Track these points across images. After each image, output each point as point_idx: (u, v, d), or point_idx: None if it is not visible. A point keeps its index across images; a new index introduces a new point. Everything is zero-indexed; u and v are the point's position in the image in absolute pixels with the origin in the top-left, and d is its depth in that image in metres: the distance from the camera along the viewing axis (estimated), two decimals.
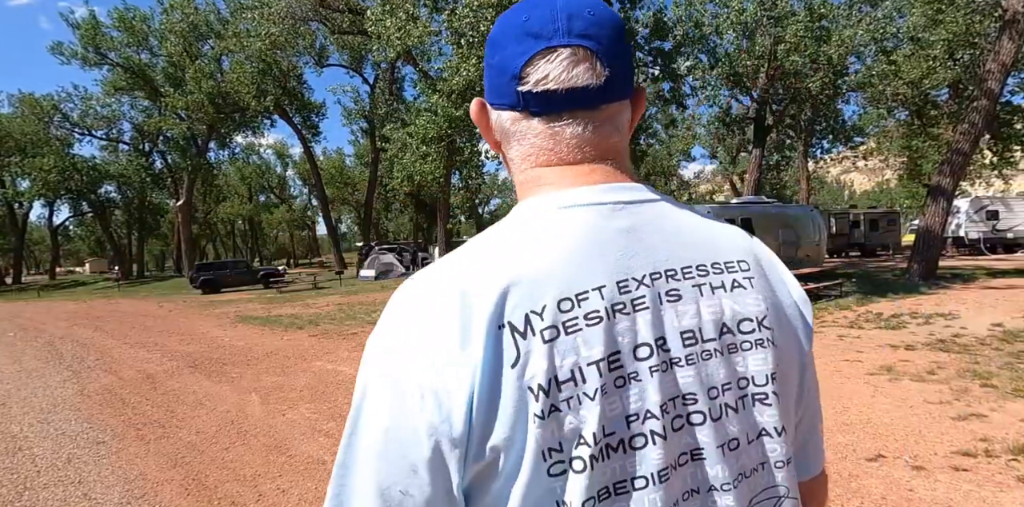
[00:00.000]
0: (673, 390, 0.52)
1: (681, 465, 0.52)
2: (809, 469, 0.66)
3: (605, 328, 0.50)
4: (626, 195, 0.57)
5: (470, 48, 13.22)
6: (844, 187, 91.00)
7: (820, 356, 6.24)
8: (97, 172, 37.80)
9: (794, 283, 0.62)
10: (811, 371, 0.62)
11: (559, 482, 0.48)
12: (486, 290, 0.49)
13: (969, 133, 12.92)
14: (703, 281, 0.55)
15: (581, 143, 0.58)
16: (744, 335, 0.55)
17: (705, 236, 0.58)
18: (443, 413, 0.47)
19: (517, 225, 0.56)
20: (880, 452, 3.47)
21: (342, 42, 29.63)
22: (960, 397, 4.54)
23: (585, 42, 0.55)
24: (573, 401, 0.48)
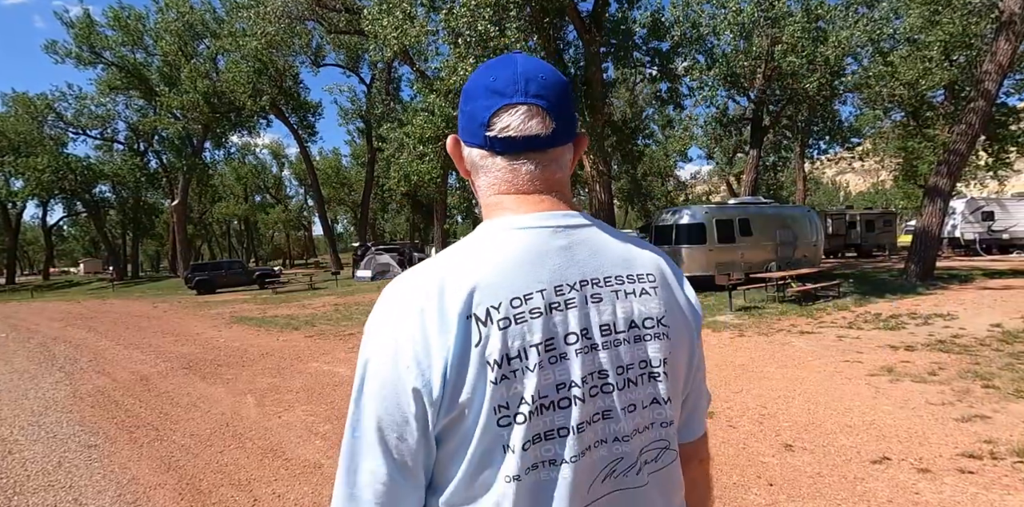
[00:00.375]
0: (592, 367, 0.69)
1: (595, 422, 0.69)
2: (695, 432, 0.86)
3: (544, 320, 0.67)
4: (565, 221, 0.74)
5: (467, 47, 13.14)
6: (839, 188, 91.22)
7: (820, 357, 6.21)
8: (91, 172, 37.50)
9: (690, 291, 0.81)
10: (698, 357, 0.82)
11: (506, 431, 0.65)
12: (458, 290, 0.66)
13: (966, 134, 12.93)
14: (619, 288, 0.73)
15: (533, 178, 0.75)
16: (647, 329, 0.74)
17: (623, 254, 0.76)
18: (425, 378, 0.64)
19: (482, 240, 0.72)
20: (884, 454, 3.42)
21: (339, 42, 29.50)
22: (962, 398, 4.51)
23: (538, 101, 0.72)
24: (518, 372, 0.65)
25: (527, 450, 0.65)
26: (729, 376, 5.54)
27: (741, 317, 9.31)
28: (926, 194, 13.74)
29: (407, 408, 0.65)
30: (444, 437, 0.66)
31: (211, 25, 30.54)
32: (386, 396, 0.65)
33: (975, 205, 22.88)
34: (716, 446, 3.68)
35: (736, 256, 13.71)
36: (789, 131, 23.54)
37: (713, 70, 17.70)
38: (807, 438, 3.76)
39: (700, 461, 0.88)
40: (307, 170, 34.08)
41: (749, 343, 7.18)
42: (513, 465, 0.65)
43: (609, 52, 15.61)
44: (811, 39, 16.54)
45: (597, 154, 14.94)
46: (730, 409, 4.45)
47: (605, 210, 15.56)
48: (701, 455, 0.88)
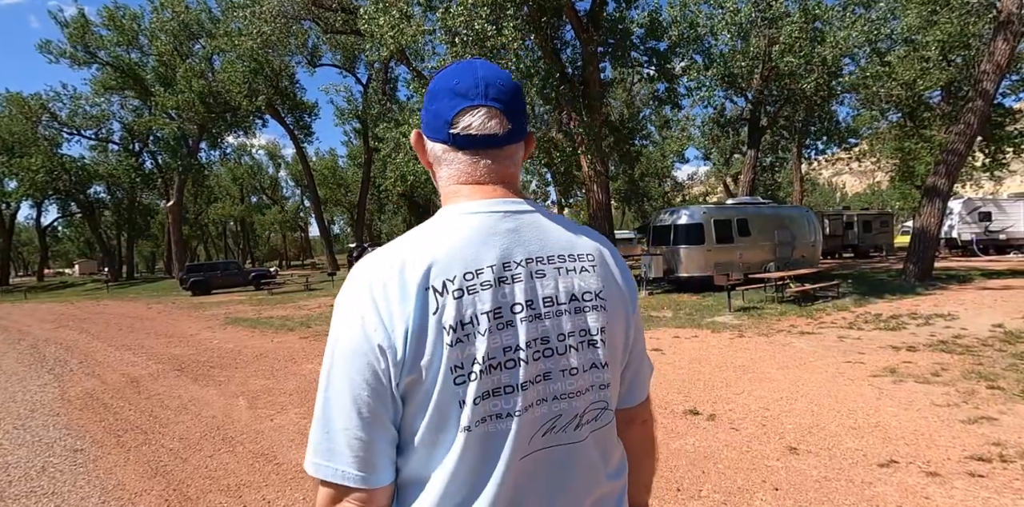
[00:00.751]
0: (535, 334, 0.78)
1: (537, 382, 0.78)
2: (638, 397, 0.96)
3: (493, 292, 0.76)
4: (513, 207, 0.83)
5: (464, 47, 13.05)
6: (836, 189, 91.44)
7: (821, 358, 6.13)
8: (86, 172, 37.22)
9: (627, 272, 0.91)
10: (635, 328, 0.91)
11: (461, 388, 0.72)
12: (417, 265, 0.74)
13: (964, 134, 12.89)
14: (562, 265, 0.82)
15: (489, 171, 0.84)
16: (586, 302, 0.82)
17: (566, 237, 0.85)
18: (391, 342, 0.72)
19: (440, 223, 0.81)
20: (892, 457, 3.34)
21: (335, 41, 29.35)
22: (968, 399, 4.43)
23: (496, 104, 0.82)
24: (471, 337, 0.73)
25: (478, 404, 0.73)
26: (730, 377, 5.45)
27: (740, 318, 9.24)
28: (924, 194, 13.70)
29: (376, 364, 0.72)
30: (408, 396, 0.73)
31: (207, 25, 30.38)
32: (355, 356, 0.73)
33: (972, 205, 22.88)
34: (719, 450, 3.59)
35: (734, 256, 13.64)
36: (786, 131, 23.50)
37: (711, 70, 17.66)
38: (812, 441, 3.67)
39: (643, 422, 0.99)
40: (303, 171, 33.90)
41: (749, 344, 7.10)
42: (467, 417, 0.72)
43: (607, 52, 15.54)
44: (808, 39, 16.48)
45: (595, 154, 14.85)
46: (732, 411, 4.36)
47: (603, 210, 15.48)
48: (644, 417, 0.99)
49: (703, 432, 3.93)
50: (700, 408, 4.46)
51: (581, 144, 14.68)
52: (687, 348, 7.01)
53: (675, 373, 5.71)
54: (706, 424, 4.09)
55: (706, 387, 5.12)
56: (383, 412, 0.73)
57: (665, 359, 6.41)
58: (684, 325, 8.75)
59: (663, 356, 6.58)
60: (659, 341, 7.52)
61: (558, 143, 15.51)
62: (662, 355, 6.64)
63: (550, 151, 15.22)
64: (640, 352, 0.94)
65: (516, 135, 0.85)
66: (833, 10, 17.12)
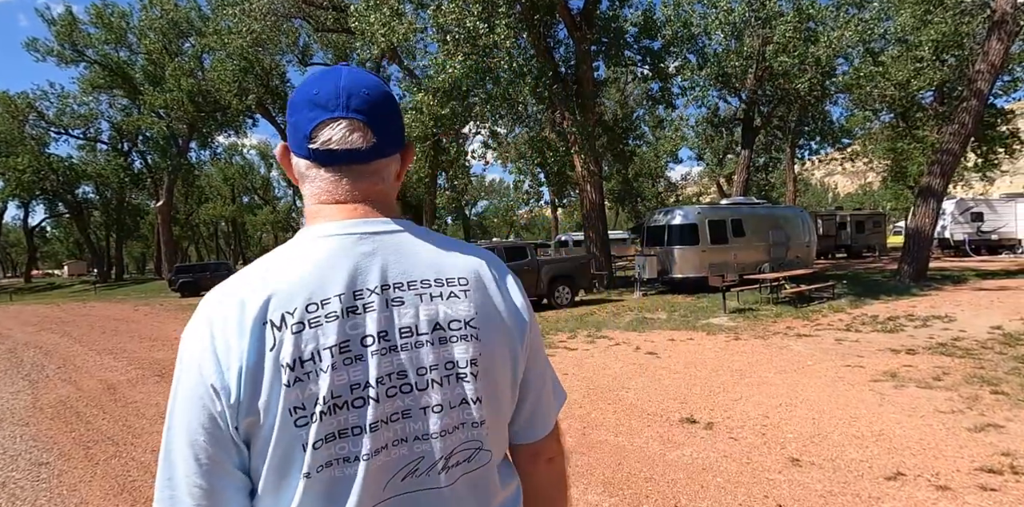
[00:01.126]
0: (390, 368, 0.71)
1: (394, 420, 0.71)
2: (538, 431, 0.87)
3: (340, 323, 0.69)
4: (373, 228, 0.76)
5: (456, 45, 12.87)
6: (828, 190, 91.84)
7: (820, 361, 5.99)
8: (74, 172, 36.77)
9: (516, 295, 0.83)
10: (530, 355, 0.83)
11: (303, 430, 0.66)
12: (256, 298, 0.69)
13: (959, 133, 12.83)
14: (425, 291, 0.75)
15: (352, 188, 0.78)
16: (452, 331, 0.75)
17: (434, 259, 0.78)
18: (224, 381, 0.66)
19: (291, 248, 0.76)
20: (899, 470, 3.18)
21: (326, 40, 29.07)
22: (972, 405, 4.29)
23: (359, 116, 0.75)
24: (312, 374, 0.67)
25: (318, 448, 0.67)
26: (727, 382, 5.29)
27: (736, 319, 9.10)
28: (919, 194, 13.63)
29: (212, 407, 0.66)
30: (250, 439, 0.68)
31: (196, 23, 30.00)
32: (192, 399, 0.67)
33: (964, 206, 22.90)
34: (718, 461, 3.42)
35: (729, 257, 13.52)
36: (780, 131, 23.46)
37: (704, 70, 17.55)
38: (814, 451, 3.51)
39: (549, 460, 0.90)
40: None
41: (745, 347, 6.95)
42: (308, 463, 0.67)
43: (600, 50, 15.41)
44: (802, 39, 16.41)
45: (588, 154, 14.71)
46: (730, 419, 4.20)
47: (596, 210, 15.35)
48: (550, 453, 0.90)
49: (701, 442, 3.76)
50: (697, 416, 4.30)
51: (574, 144, 14.54)
52: (682, 351, 6.86)
53: (670, 378, 5.55)
54: (704, 433, 3.93)
55: (703, 393, 4.97)
56: (224, 458, 0.68)
57: (660, 363, 6.25)
58: (679, 327, 8.60)
59: (658, 360, 6.43)
60: (654, 344, 7.36)
61: (551, 143, 15.35)
62: (657, 359, 6.48)
63: (543, 151, 15.05)
64: (540, 381, 0.86)
65: (384, 148, 0.79)
66: (827, 10, 17.06)
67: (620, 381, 5.52)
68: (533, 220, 64.83)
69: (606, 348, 7.26)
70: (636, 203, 32.60)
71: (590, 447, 3.76)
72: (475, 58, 12.71)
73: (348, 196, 0.77)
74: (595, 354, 6.92)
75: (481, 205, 60.40)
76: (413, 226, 0.81)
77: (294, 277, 0.70)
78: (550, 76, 14.00)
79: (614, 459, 3.53)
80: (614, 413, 4.50)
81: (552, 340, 7.96)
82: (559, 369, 6.16)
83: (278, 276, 0.70)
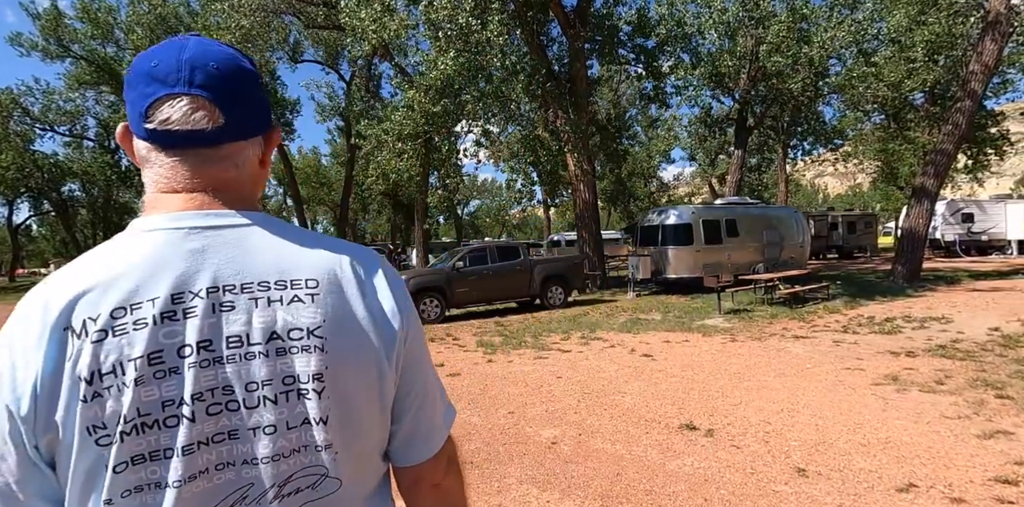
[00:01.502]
0: (211, 383, 0.62)
1: (217, 442, 0.63)
2: (420, 453, 0.77)
3: (151, 332, 0.61)
4: (208, 221, 0.67)
5: (448, 42, 12.68)
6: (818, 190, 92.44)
7: (819, 364, 5.86)
8: (59, 169, 36.17)
9: (387, 298, 0.73)
10: (406, 367, 0.73)
11: (106, 450, 0.59)
12: (61, 301, 0.62)
13: (953, 134, 12.81)
14: (261, 295, 0.66)
15: (194, 175, 0.69)
16: (292, 341, 0.66)
17: (280, 258, 0.69)
18: (16, 395, 0.59)
19: (111, 245, 0.67)
20: (911, 480, 3.04)
21: (317, 37, 28.80)
22: (978, 411, 4.17)
23: (204, 93, 0.67)
24: (113, 389, 0.59)
25: (120, 472, 0.60)
26: (726, 386, 5.15)
27: (731, 320, 8.98)
28: (913, 195, 13.61)
29: (7, 424, 0.60)
30: (55, 458, 0.61)
31: (185, 18, 29.59)
32: None
33: (955, 207, 22.98)
34: (721, 471, 3.27)
35: (723, 257, 13.43)
36: (773, 132, 23.46)
37: (698, 69, 17.46)
38: (820, 460, 3.37)
39: (433, 486, 0.81)
40: (285, 169, 33.24)
41: (743, 349, 6.82)
42: (108, 489, 0.60)
43: (594, 48, 15.26)
44: (796, 39, 16.36)
45: (581, 153, 14.57)
46: (731, 425, 4.05)
47: (589, 210, 15.21)
48: (434, 478, 0.80)
49: (702, 450, 3.61)
50: (697, 422, 4.14)
51: (568, 142, 14.39)
52: (678, 354, 6.71)
53: (667, 382, 5.40)
54: (704, 441, 3.77)
55: (701, 397, 4.82)
56: (26, 481, 0.61)
57: (656, 366, 6.10)
58: (674, 329, 8.46)
59: (654, 362, 6.28)
60: (649, 346, 7.21)
61: (544, 141, 15.19)
62: (653, 361, 6.34)
63: (536, 150, 14.89)
64: (419, 398, 0.77)
65: (236, 130, 0.70)
66: (820, 10, 17.03)
67: (616, 385, 5.36)
68: (525, 220, 64.71)
69: (600, 350, 7.11)
70: (628, 203, 32.55)
71: (586, 456, 3.60)
72: (467, 55, 12.54)
73: (188, 184, 0.69)
74: (589, 356, 6.76)
75: (473, 204, 60.16)
76: (268, 219, 0.71)
77: (105, 277, 0.62)
78: (543, 74, 13.84)
79: (612, 469, 3.37)
80: (610, 419, 4.33)
81: (545, 341, 7.80)
82: (553, 371, 6.00)
83: (88, 275, 0.63)
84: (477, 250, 11.50)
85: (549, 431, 4.12)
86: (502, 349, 7.41)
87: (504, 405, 4.86)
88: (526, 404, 4.85)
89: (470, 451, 3.78)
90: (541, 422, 4.34)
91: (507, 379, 5.79)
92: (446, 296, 10.52)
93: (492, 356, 7.01)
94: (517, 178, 15.03)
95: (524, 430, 4.18)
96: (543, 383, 5.56)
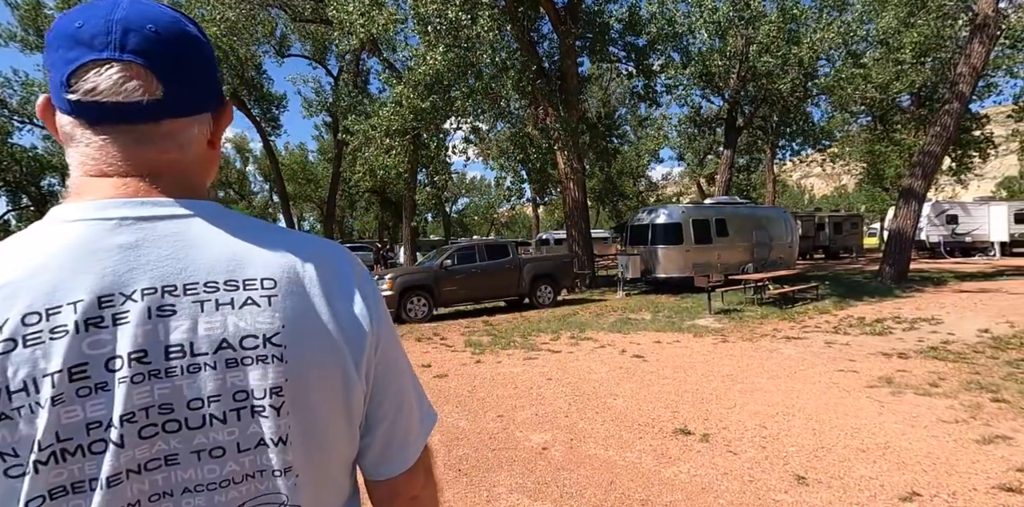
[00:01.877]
0: (147, 400, 0.54)
1: (152, 468, 0.54)
2: (396, 466, 0.70)
3: (72, 341, 0.52)
4: (141, 211, 0.58)
5: (437, 36, 12.50)
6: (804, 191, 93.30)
7: (812, 366, 5.79)
8: (39, 163, 35.45)
9: (356, 298, 0.64)
10: (367, 379, 0.64)
11: (19, 482, 0.50)
12: None
13: (941, 136, 12.87)
14: (208, 298, 0.57)
15: (126, 157, 0.59)
16: (246, 351, 0.57)
17: (231, 254, 0.59)
18: None
19: (25, 238, 0.57)
20: (913, 488, 2.95)
21: (305, 31, 28.41)
22: (975, 415, 4.10)
23: (138, 59, 0.57)
24: (25, 410, 0.50)
25: None
26: (719, 388, 5.05)
27: (721, 321, 8.91)
28: (900, 196, 13.67)
29: None
30: None
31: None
32: None
33: (940, 208, 23.20)
34: (718, 479, 3.15)
35: (713, 257, 13.39)
36: (762, 132, 23.53)
37: (688, 68, 17.43)
38: (820, 467, 3.26)
39: (411, 499, 0.73)
40: (271, 165, 32.79)
41: (734, 350, 6.74)
42: None
43: (584, 46, 15.14)
44: (786, 40, 16.38)
45: (571, 151, 14.45)
46: (727, 430, 3.95)
47: (579, 208, 15.10)
48: (411, 491, 0.72)
49: (698, 456, 3.49)
50: (691, 426, 4.03)
51: (557, 140, 14.26)
52: (670, 355, 6.61)
53: (660, 384, 5.29)
54: (700, 446, 3.66)
55: (695, 400, 4.71)
56: None
57: (648, 367, 5.99)
58: (664, 329, 8.37)
59: (645, 364, 6.17)
60: (640, 346, 7.11)
61: (534, 139, 15.05)
62: (644, 362, 6.23)
63: (525, 147, 14.75)
64: (395, 406, 0.69)
65: (180, 105, 0.61)
66: (810, 11, 17.07)
67: (607, 387, 5.24)
68: (514, 218, 64.57)
69: (591, 350, 6.99)
70: (617, 202, 32.55)
71: (579, 463, 3.47)
72: (457, 51, 12.37)
73: (120, 167, 0.59)
74: (580, 357, 6.64)
75: (462, 202, 59.90)
76: (216, 210, 0.61)
77: (13, 275, 0.53)
78: (534, 71, 13.70)
79: (605, 477, 3.24)
80: (602, 423, 4.21)
81: (535, 341, 7.67)
82: (543, 372, 5.87)
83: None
84: (465, 248, 11.34)
85: (539, 436, 3.99)
86: (491, 349, 7.27)
87: (493, 408, 4.71)
88: (515, 407, 4.72)
89: (458, 457, 3.63)
90: (531, 426, 4.21)
91: (496, 380, 5.65)
92: (434, 295, 10.35)
93: (480, 356, 6.86)
94: (506, 176, 14.86)
95: (514, 435, 4.04)
96: (533, 385, 5.42)
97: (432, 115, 14.05)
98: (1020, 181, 54.84)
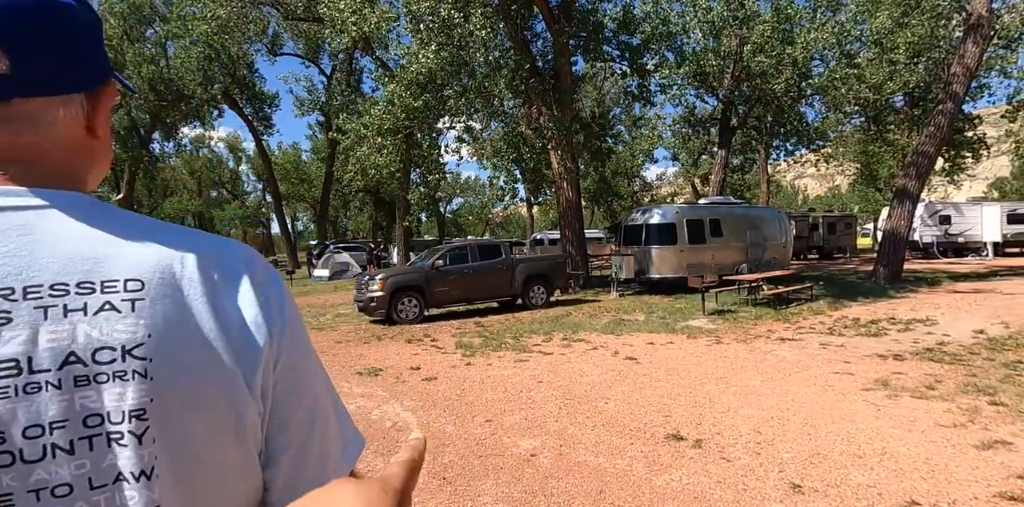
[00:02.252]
0: None
1: None
2: None
3: None
4: None
5: (429, 34, 12.38)
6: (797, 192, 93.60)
7: (807, 368, 5.70)
8: None
9: (250, 302, 0.55)
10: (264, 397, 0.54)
11: None
12: None
13: (935, 136, 12.85)
14: (54, 302, 0.48)
15: None
16: (100, 366, 0.48)
17: (89, 251, 0.51)
18: None
19: None
20: (912, 497, 2.85)
21: (297, 30, 28.22)
22: (973, 419, 4.02)
23: None
24: None
25: None
26: (712, 391, 4.95)
27: (715, 322, 8.83)
28: (895, 196, 13.64)
29: None
30: None
31: (159, 8, 28.79)
32: None
33: (933, 209, 23.26)
34: (711, 487, 3.05)
35: (707, 257, 13.32)
36: (756, 132, 23.51)
37: (682, 68, 17.38)
38: (816, 475, 3.17)
39: None
40: (264, 165, 32.57)
41: (728, 351, 6.65)
42: None
43: (578, 45, 15.05)
44: (780, 40, 16.34)
45: (565, 150, 14.35)
46: (720, 435, 3.85)
47: (573, 208, 15.00)
48: None
49: (690, 463, 3.39)
50: (684, 431, 3.93)
51: (551, 140, 14.16)
52: (663, 356, 6.52)
53: (652, 387, 5.19)
54: (693, 453, 3.55)
55: (687, 404, 4.61)
56: None
57: (640, 369, 5.89)
58: (657, 330, 8.27)
59: (638, 366, 6.07)
60: (633, 348, 7.01)
61: (527, 138, 14.94)
62: (637, 364, 6.13)
63: (519, 147, 14.63)
64: (305, 428, 0.57)
65: (35, 81, 0.52)
66: (803, 11, 17.04)
67: (599, 390, 5.14)
68: (508, 218, 64.47)
69: (583, 352, 6.88)
70: (612, 202, 32.49)
71: (568, 470, 3.36)
72: (450, 49, 12.24)
73: None
74: (571, 359, 6.53)
75: (456, 202, 59.74)
76: (79, 200, 0.53)
77: None
78: (527, 70, 13.60)
79: (595, 486, 3.13)
80: (593, 428, 4.10)
81: (526, 343, 7.56)
82: (534, 375, 5.76)
83: None
84: (458, 248, 11.22)
85: (528, 442, 3.88)
86: (481, 351, 7.15)
87: (481, 412, 4.60)
88: (504, 411, 4.60)
89: (443, 465, 3.51)
90: (520, 431, 4.10)
91: (485, 383, 5.54)
92: (425, 296, 10.23)
93: (471, 358, 6.74)
94: (500, 175, 14.74)
95: (502, 440, 3.92)
96: (523, 388, 5.31)
97: (425, 114, 13.92)
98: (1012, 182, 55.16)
